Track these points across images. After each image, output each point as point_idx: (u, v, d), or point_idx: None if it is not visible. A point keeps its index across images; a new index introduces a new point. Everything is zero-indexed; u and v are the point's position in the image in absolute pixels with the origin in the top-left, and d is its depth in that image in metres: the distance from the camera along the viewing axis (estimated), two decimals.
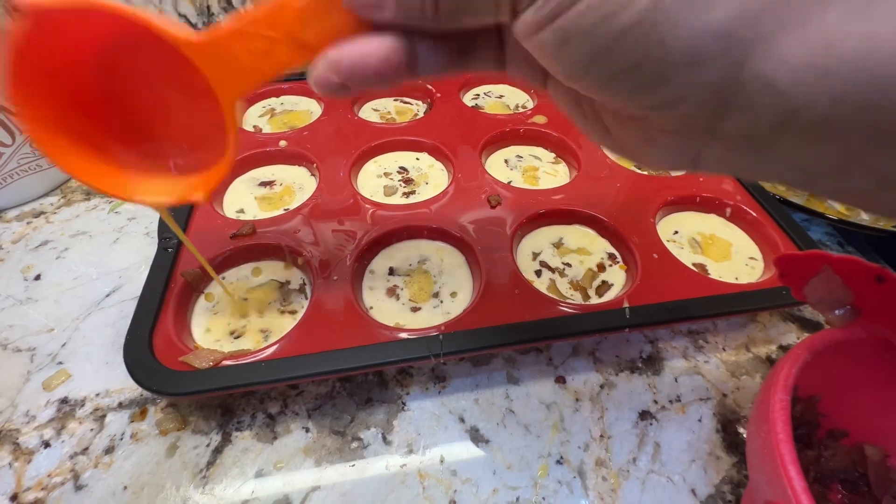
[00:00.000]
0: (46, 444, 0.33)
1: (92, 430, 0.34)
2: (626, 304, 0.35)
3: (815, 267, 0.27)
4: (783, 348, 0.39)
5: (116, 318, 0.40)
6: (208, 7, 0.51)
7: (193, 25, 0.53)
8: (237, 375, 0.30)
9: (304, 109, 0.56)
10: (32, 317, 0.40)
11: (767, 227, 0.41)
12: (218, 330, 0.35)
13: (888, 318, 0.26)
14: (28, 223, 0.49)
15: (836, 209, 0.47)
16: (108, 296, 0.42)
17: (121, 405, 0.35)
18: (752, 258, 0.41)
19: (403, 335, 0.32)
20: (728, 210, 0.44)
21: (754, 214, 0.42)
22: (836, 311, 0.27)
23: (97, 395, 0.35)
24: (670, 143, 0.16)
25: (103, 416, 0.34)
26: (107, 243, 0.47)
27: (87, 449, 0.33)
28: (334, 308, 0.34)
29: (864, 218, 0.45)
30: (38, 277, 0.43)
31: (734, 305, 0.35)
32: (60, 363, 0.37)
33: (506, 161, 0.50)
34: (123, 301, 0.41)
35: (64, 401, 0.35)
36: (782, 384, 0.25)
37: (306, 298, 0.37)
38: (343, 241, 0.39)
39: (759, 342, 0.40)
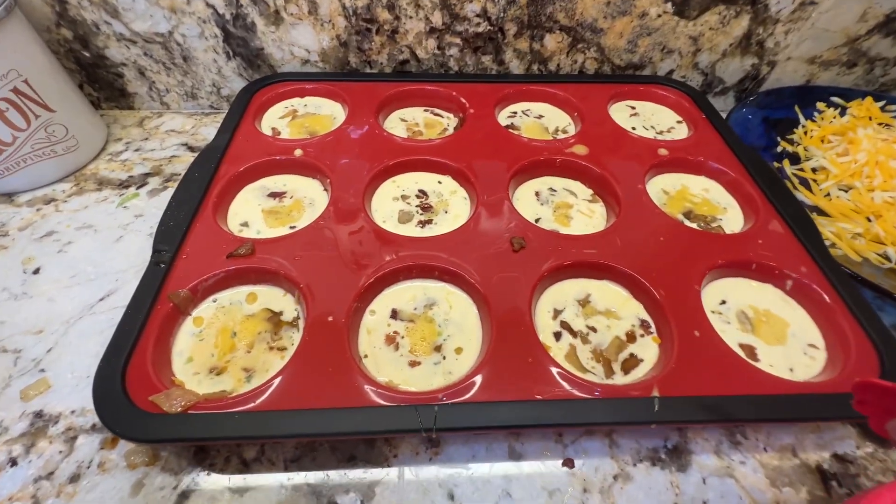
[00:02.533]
0: (13, 462, 0.31)
1: (61, 452, 0.32)
2: (655, 393, 0.30)
3: None
4: (839, 459, 0.33)
5: (105, 325, 0.38)
6: None
7: (221, 16, 0.50)
8: (205, 427, 0.27)
9: (328, 114, 0.53)
10: (24, 314, 0.39)
11: (836, 312, 0.35)
12: (200, 361, 0.32)
13: None
14: (38, 210, 0.47)
15: None
16: (101, 300, 0.40)
17: (94, 427, 0.33)
18: (812, 346, 0.35)
19: (390, 398, 0.28)
20: (789, 283, 0.38)
21: (822, 293, 0.36)
22: None
23: (72, 412, 0.34)
24: None
25: (74, 438, 0.32)
26: (110, 240, 0.45)
27: (52, 474, 0.31)
28: (324, 355, 0.31)
29: None
30: (36, 271, 0.42)
31: (786, 411, 0.29)
32: (43, 370, 0.36)
33: (537, 194, 0.45)
34: (115, 308, 0.39)
35: (38, 414, 0.33)
36: None
37: (299, 332, 0.34)
38: (346, 274, 0.36)
39: (810, 447, 0.34)
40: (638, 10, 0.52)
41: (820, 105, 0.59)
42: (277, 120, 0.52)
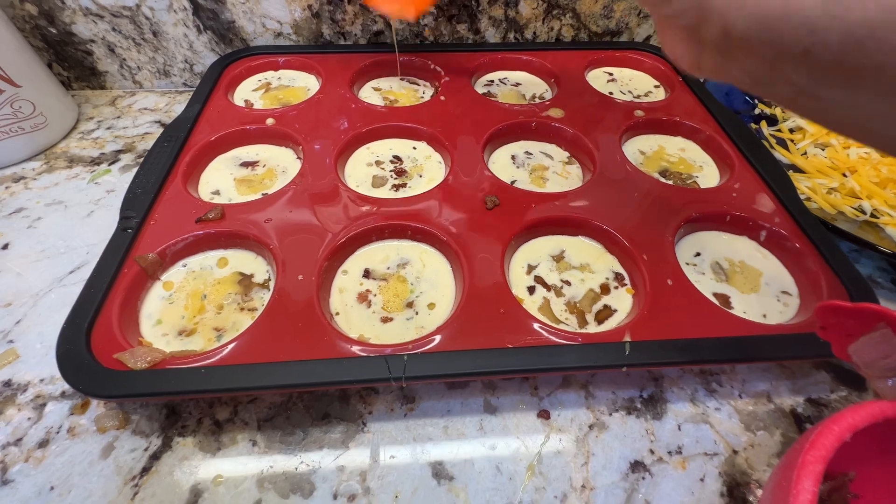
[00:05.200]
0: None
1: (29, 419, 0.31)
2: (627, 338, 0.30)
3: (868, 324, 0.21)
4: (813, 402, 0.33)
5: (74, 297, 0.37)
6: None
7: None
8: (171, 381, 0.27)
9: (302, 86, 0.52)
10: None
11: (808, 259, 0.35)
12: (169, 322, 0.32)
13: None
14: (6, 188, 0.47)
15: (895, 242, 0.40)
16: (71, 272, 0.40)
17: (63, 394, 0.32)
18: (785, 293, 0.35)
19: (360, 350, 0.28)
20: (763, 233, 0.38)
21: (794, 242, 0.36)
22: (889, 381, 0.22)
23: (41, 380, 0.33)
24: (683, 41, 0.23)
25: (43, 405, 0.32)
26: (81, 215, 0.44)
27: (20, 440, 0.30)
28: (294, 312, 0.31)
29: None
30: (5, 247, 0.41)
31: (756, 352, 0.29)
32: (11, 342, 0.35)
33: (513, 157, 0.45)
34: (86, 280, 0.39)
35: (7, 383, 0.33)
36: (811, 469, 0.20)
37: (269, 293, 0.33)
38: (317, 234, 0.35)
39: (784, 391, 0.34)
40: None
41: None
42: (251, 93, 0.51)
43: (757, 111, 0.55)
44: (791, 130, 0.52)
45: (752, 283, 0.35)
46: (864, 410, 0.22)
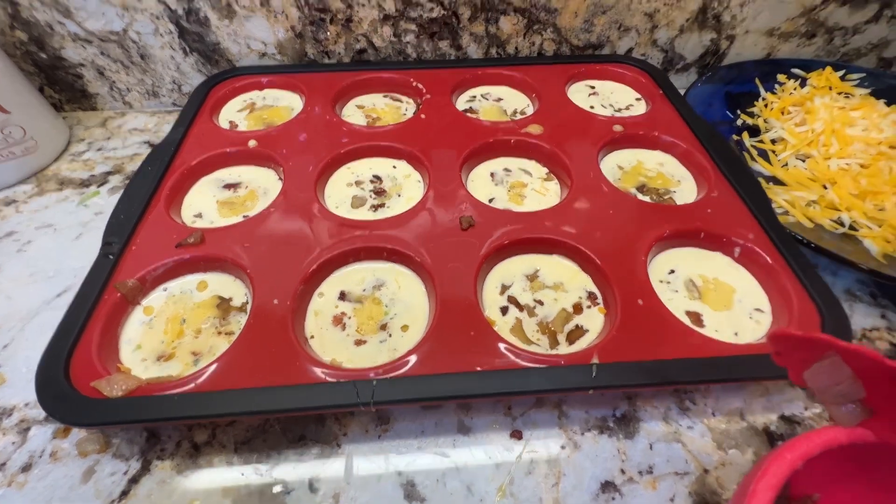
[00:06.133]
0: None
1: (14, 443, 0.32)
2: (594, 360, 0.30)
3: (819, 352, 0.22)
4: (786, 420, 0.34)
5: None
6: None
7: (173, 12, 0.50)
8: (146, 409, 0.27)
9: (286, 105, 0.53)
10: None
11: (781, 276, 0.35)
12: (148, 347, 0.33)
13: None
14: None
15: (873, 255, 0.40)
16: (59, 295, 0.40)
17: (47, 419, 0.33)
18: (758, 310, 0.35)
19: (332, 375, 0.29)
20: (737, 250, 0.38)
21: (768, 258, 0.36)
22: (843, 408, 0.22)
23: (26, 404, 0.34)
24: None
25: (27, 429, 0.33)
26: (69, 238, 0.45)
27: (4, 464, 0.31)
28: (268, 337, 0.31)
29: None
30: None
31: (724, 372, 0.30)
32: None
33: (492, 174, 0.46)
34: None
35: None
36: (761, 497, 0.20)
37: (247, 317, 0.34)
38: (293, 258, 0.36)
39: (758, 409, 0.34)
40: None
41: (781, 77, 0.59)
42: (235, 113, 0.52)
43: (739, 122, 0.55)
44: (773, 141, 0.52)
45: (724, 300, 0.36)
46: (818, 437, 0.22)
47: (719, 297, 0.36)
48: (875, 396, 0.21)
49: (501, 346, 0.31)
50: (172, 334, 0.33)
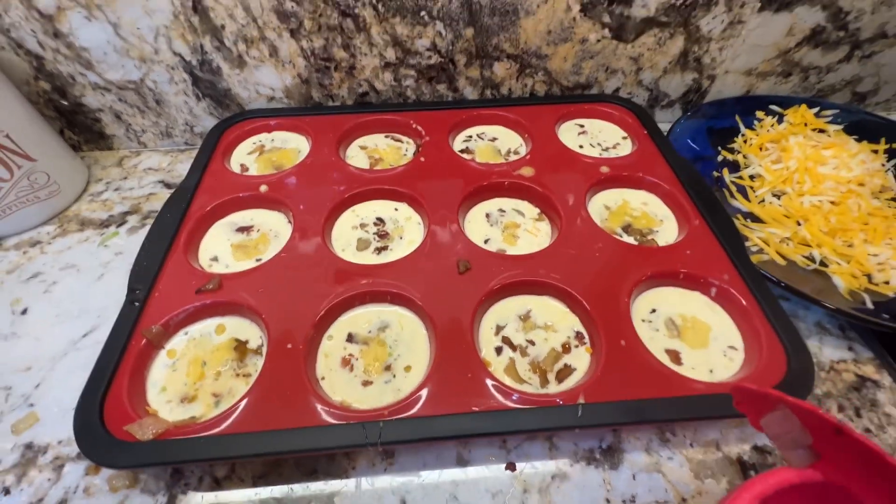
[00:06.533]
0: (6, 492, 0.34)
1: (49, 479, 0.35)
2: (580, 400, 0.33)
3: (772, 404, 0.25)
4: (758, 450, 0.37)
5: (89, 360, 0.41)
6: (202, 46, 0.52)
7: (188, 63, 0.54)
8: (173, 452, 0.30)
9: (293, 147, 0.56)
10: (13, 353, 0.42)
11: (752, 316, 0.38)
12: (172, 390, 0.36)
13: (847, 469, 0.24)
14: (24, 252, 0.51)
15: (840, 293, 0.43)
16: (85, 336, 0.43)
17: (79, 456, 0.36)
18: (731, 347, 0.38)
19: (342, 417, 0.32)
20: (713, 290, 0.41)
21: (741, 300, 0.39)
22: (794, 451, 0.25)
23: (59, 442, 0.37)
24: None
25: (62, 466, 0.36)
26: (92, 279, 0.48)
27: (42, 500, 0.34)
28: (282, 380, 0.34)
29: (869, 307, 0.41)
30: (24, 312, 0.45)
31: (700, 411, 0.33)
32: (31, 405, 0.39)
33: (487, 215, 0.49)
34: (98, 343, 0.42)
35: (29, 446, 0.37)
36: None
37: (262, 360, 0.37)
38: (305, 303, 0.39)
39: (732, 440, 0.37)
40: (578, 36, 0.56)
41: (759, 113, 0.62)
42: (246, 156, 0.55)
43: (720, 158, 0.58)
44: (752, 177, 0.56)
45: (701, 338, 0.39)
46: (773, 478, 0.25)
47: (696, 335, 0.39)
48: (821, 443, 0.24)
49: (496, 386, 0.34)
50: (194, 376, 0.36)
